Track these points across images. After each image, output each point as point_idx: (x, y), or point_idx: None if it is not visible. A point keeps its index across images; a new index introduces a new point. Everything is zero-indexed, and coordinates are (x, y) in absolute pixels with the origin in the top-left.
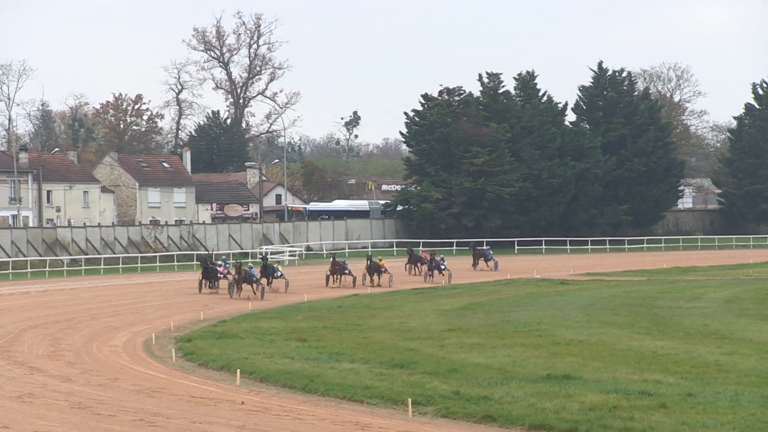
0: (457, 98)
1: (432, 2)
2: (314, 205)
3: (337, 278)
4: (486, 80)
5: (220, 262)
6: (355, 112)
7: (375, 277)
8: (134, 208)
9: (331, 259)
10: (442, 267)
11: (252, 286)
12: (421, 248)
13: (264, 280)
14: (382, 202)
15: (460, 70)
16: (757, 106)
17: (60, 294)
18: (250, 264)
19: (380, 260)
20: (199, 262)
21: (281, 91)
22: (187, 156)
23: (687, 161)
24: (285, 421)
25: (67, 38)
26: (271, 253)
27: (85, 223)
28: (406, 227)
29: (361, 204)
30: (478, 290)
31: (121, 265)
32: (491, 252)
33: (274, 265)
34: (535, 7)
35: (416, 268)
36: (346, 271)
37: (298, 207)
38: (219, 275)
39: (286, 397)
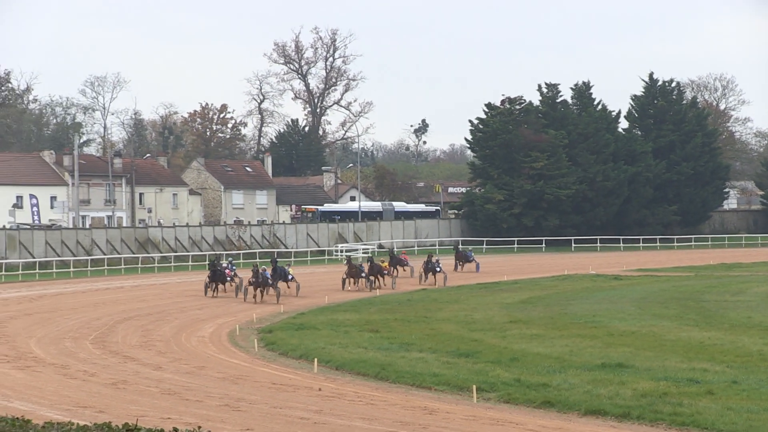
0: (518, 107)
1: (494, 18)
2: (327, 206)
3: (353, 281)
4: (545, 90)
5: (225, 263)
6: (423, 120)
7: (377, 279)
8: (219, 209)
9: (347, 261)
10: (438, 270)
11: (266, 290)
12: (397, 249)
13: (281, 284)
14: (397, 204)
15: (521, 81)
16: None
17: (151, 288)
18: (263, 267)
19: (382, 261)
20: (209, 264)
21: (355, 101)
22: (269, 161)
23: (732, 165)
24: (359, 406)
25: (157, 52)
26: (346, 251)
27: (174, 223)
28: (470, 227)
29: (374, 205)
30: (538, 285)
31: (207, 262)
32: (472, 254)
33: (285, 267)
34: (590, 22)
35: (395, 270)
36: (363, 275)
37: (311, 208)
38: (227, 278)
39: (359, 384)
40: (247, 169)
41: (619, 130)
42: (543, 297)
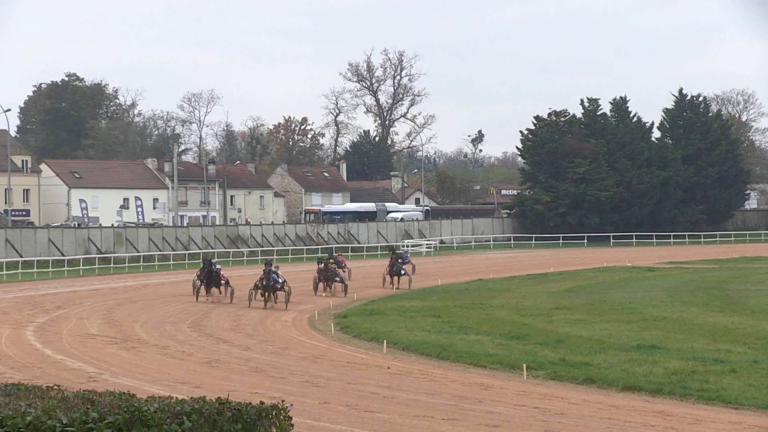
0: (563, 119)
1: (542, 41)
2: (327, 207)
3: (328, 285)
4: (586, 104)
5: (219, 266)
6: (479, 131)
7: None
8: (300, 209)
9: (323, 264)
10: (402, 273)
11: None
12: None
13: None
14: (390, 205)
15: (565, 96)
16: None
17: (241, 279)
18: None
19: (332, 262)
20: (203, 261)
21: (419, 114)
22: (343, 167)
23: (752, 170)
24: (423, 383)
25: (246, 72)
26: (411, 246)
27: (260, 222)
28: (521, 224)
29: (369, 206)
30: (580, 276)
31: (290, 256)
32: (408, 255)
33: (275, 270)
34: (627, 45)
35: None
36: (338, 279)
37: (314, 209)
38: (221, 282)
39: (423, 363)
40: (325, 174)
41: (653, 139)
42: (585, 286)
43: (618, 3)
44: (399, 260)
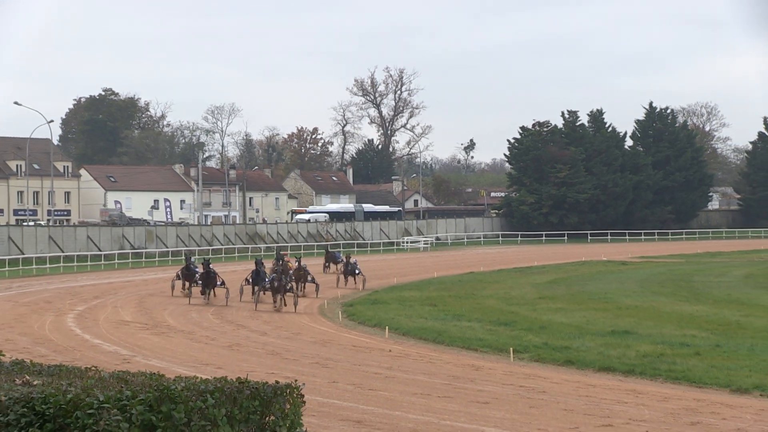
0: (545, 129)
1: (528, 59)
2: (312, 208)
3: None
4: (567, 116)
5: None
6: (471, 139)
7: (283, 297)
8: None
9: (281, 262)
10: (357, 272)
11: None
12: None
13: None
14: (366, 205)
15: (548, 108)
16: (767, 134)
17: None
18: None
19: (288, 261)
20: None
21: (418, 125)
22: (350, 172)
23: (715, 174)
24: (420, 364)
25: (263, 87)
26: (411, 242)
27: (276, 221)
28: (508, 223)
29: (348, 207)
30: (561, 269)
31: (302, 252)
32: (341, 255)
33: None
34: (603, 62)
35: (328, 268)
36: (289, 290)
37: (300, 210)
38: (196, 280)
39: (421, 347)
40: (333, 178)
41: (626, 147)
42: (565, 278)
43: (595, 26)
44: (331, 259)
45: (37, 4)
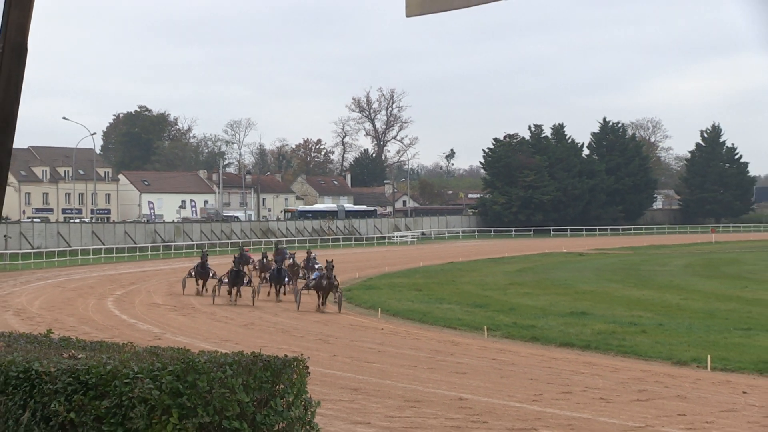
0: (515, 140)
1: (501, 80)
2: (302, 208)
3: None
4: (533, 129)
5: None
6: (452, 149)
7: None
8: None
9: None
10: (287, 280)
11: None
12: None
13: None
14: (347, 205)
15: (517, 122)
16: (703, 144)
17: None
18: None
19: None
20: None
21: (406, 137)
22: (348, 177)
23: (659, 179)
24: (408, 340)
25: (275, 104)
26: (400, 236)
27: (282, 218)
28: (483, 220)
29: (332, 206)
30: (528, 260)
31: (308, 244)
32: (288, 252)
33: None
34: (565, 82)
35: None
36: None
37: (291, 209)
38: (210, 275)
39: (408, 326)
40: (334, 182)
41: (583, 155)
42: (532, 267)
43: (557, 54)
44: (280, 255)
45: (83, 36)
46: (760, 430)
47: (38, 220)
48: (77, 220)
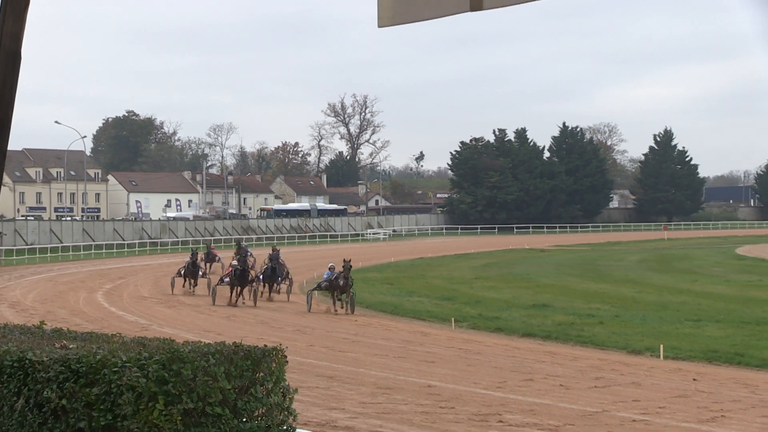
0: (480, 144)
1: (467, 88)
2: (277, 206)
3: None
4: (497, 133)
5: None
6: (421, 151)
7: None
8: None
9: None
10: (280, 279)
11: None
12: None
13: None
14: (319, 204)
15: (482, 127)
16: (656, 147)
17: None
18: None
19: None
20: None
21: (379, 140)
22: (324, 178)
23: (615, 180)
24: (380, 331)
25: (255, 109)
26: (373, 234)
27: (265, 216)
28: (450, 218)
29: (305, 205)
30: (493, 255)
31: (286, 241)
32: (248, 249)
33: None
34: (526, 90)
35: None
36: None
37: (267, 207)
38: (201, 274)
39: (381, 317)
40: (311, 182)
41: (544, 158)
42: (496, 262)
43: (519, 62)
44: (243, 252)
45: (73, 43)
46: (709, 414)
47: (32, 218)
48: (69, 218)
